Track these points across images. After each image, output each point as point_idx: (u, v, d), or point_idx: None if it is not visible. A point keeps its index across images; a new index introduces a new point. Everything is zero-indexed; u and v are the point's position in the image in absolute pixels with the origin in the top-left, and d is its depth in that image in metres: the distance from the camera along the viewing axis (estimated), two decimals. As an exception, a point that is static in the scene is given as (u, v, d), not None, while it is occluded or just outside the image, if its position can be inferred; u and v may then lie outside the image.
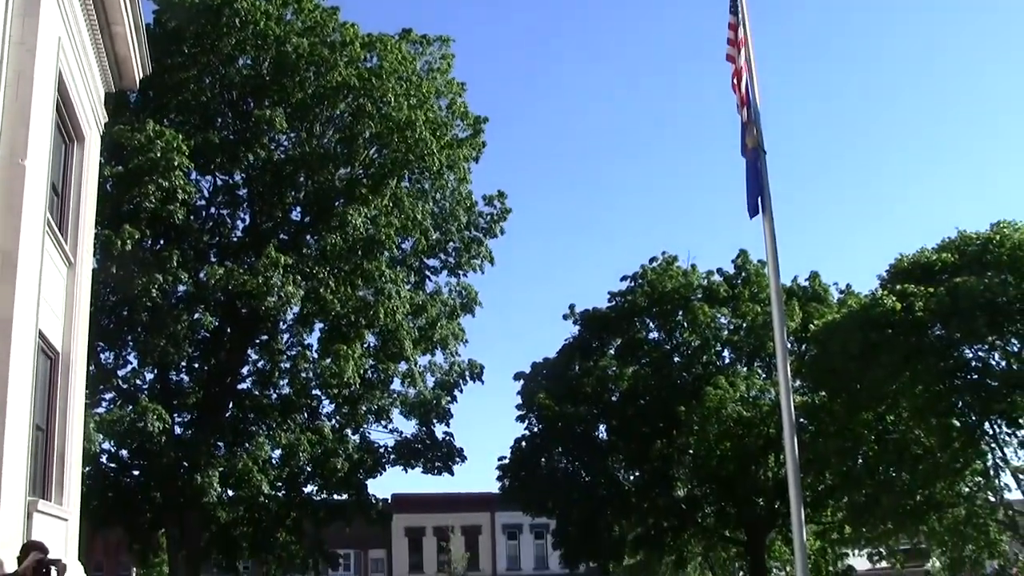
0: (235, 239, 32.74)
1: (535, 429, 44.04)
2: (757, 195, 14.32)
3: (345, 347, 30.64)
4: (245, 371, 33.24)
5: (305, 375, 31.76)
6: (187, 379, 33.03)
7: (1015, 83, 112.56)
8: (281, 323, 32.51)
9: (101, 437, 27.73)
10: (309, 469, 32.32)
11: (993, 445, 31.73)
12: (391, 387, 34.00)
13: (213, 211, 32.96)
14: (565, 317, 45.91)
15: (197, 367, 32.85)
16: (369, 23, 62.67)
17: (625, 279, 45.12)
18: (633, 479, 43.97)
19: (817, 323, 37.39)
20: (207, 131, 30.93)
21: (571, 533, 43.21)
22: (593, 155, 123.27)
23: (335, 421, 33.47)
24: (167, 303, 29.26)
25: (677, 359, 43.61)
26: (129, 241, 26.97)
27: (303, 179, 31.99)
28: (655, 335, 44.86)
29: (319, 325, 32.67)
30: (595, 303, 45.97)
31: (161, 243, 30.25)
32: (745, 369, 42.22)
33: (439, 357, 35.53)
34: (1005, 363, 30.96)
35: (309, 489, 33.84)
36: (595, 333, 45.04)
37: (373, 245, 31.27)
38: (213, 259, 31.58)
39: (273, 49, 31.03)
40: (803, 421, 34.57)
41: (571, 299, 77.58)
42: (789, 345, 36.38)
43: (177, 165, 27.82)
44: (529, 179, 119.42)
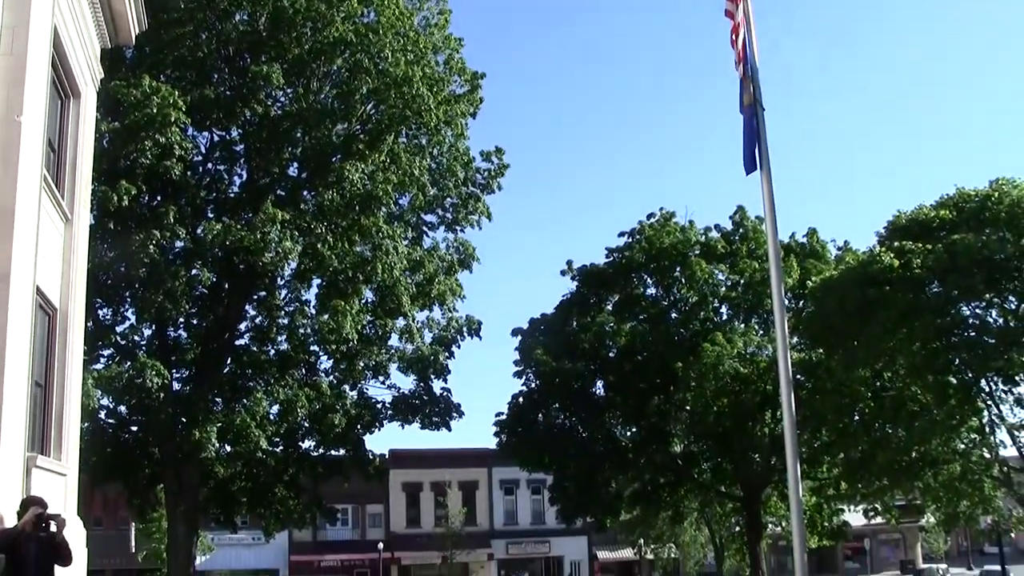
0: (232, 195, 32.56)
1: (532, 385, 44.15)
2: (754, 151, 14.29)
3: (343, 303, 30.60)
4: (243, 327, 33.19)
5: (303, 331, 31.71)
6: (185, 335, 32.98)
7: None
8: (279, 279, 32.42)
9: (99, 393, 27.73)
10: (307, 424, 32.35)
11: (989, 402, 31.90)
12: (389, 343, 33.98)
13: (210, 167, 32.76)
14: (563, 273, 46.04)
15: (195, 323, 32.79)
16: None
17: (623, 235, 45.20)
18: (630, 435, 44.15)
19: (815, 280, 37.46)
20: (203, 87, 30.68)
21: (568, 489, 43.47)
22: (591, 111, 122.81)
23: (333, 377, 33.46)
24: (164, 259, 29.14)
25: (674, 315, 43.67)
26: (126, 197, 26.83)
27: (300, 135, 31.79)
28: (652, 291, 44.94)
29: (317, 281, 32.58)
30: (593, 259, 46.07)
31: (158, 199, 30.08)
32: (742, 325, 42.31)
33: (437, 313, 35.51)
34: (1002, 320, 31.08)
35: (307, 444, 33.91)
36: (593, 289, 45.09)
37: (370, 201, 31.15)
38: (210, 215, 31.44)
39: (270, 4, 30.73)
40: (800, 378, 34.73)
41: (569, 255, 77.34)
42: (786, 302, 36.59)
43: (174, 121, 27.61)
44: (527, 135, 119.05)
